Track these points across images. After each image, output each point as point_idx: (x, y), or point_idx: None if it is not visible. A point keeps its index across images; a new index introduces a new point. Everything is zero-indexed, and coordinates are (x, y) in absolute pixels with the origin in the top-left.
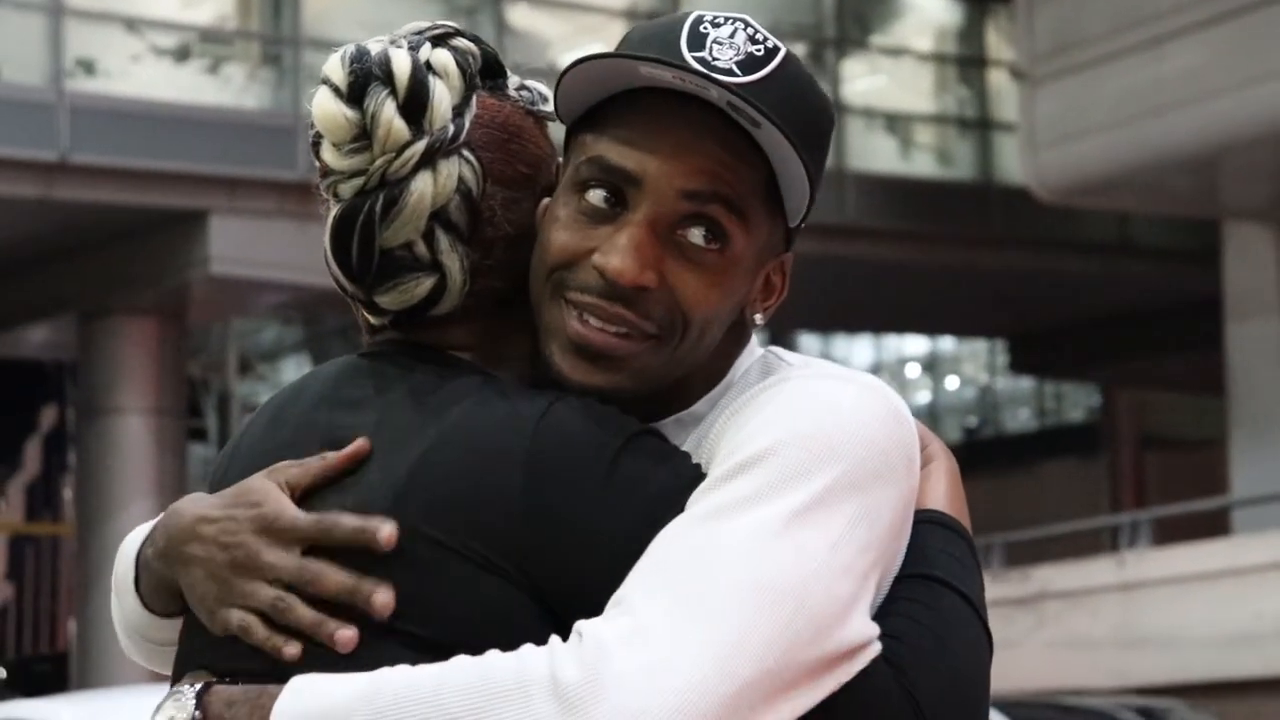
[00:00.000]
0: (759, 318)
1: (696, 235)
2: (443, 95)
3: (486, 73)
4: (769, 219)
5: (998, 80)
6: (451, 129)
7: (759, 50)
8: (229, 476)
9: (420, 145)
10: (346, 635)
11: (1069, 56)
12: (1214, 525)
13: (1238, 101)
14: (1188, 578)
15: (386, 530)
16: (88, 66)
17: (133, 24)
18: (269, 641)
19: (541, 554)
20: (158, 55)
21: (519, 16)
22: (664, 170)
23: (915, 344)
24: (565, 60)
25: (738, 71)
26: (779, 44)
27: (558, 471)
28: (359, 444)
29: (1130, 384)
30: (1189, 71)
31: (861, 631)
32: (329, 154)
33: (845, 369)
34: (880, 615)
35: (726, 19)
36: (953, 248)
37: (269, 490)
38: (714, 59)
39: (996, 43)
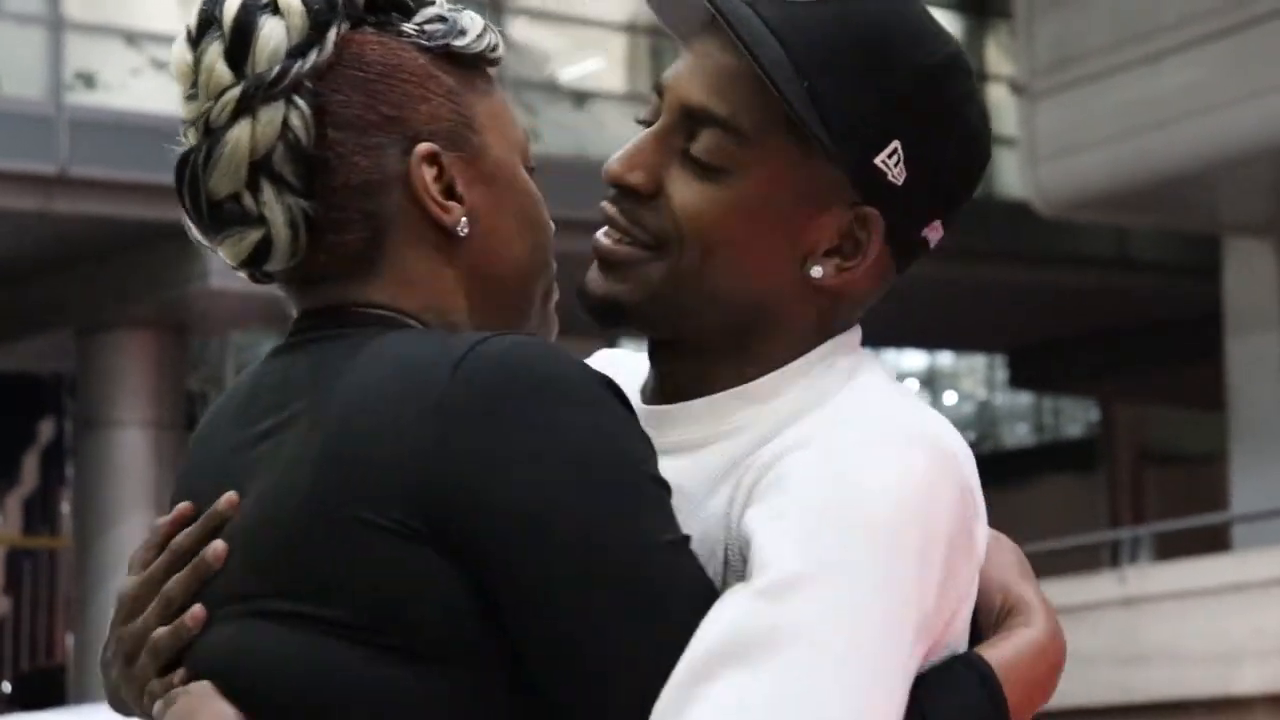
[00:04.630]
0: (817, 270)
1: (698, 150)
2: (270, 35)
3: (373, 7)
4: (799, 150)
5: (997, 94)
6: (276, 70)
7: None
8: (203, 470)
9: (235, 91)
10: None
11: (1069, 71)
12: (1214, 540)
13: (1238, 116)
14: (1188, 593)
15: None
16: (87, 80)
17: (132, 37)
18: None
19: (455, 513)
20: (157, 69)
21: (519, 30)
22: (675, 84)
23: (913, 359)
24: (565, 74)
25: None
26: None
27: (475, 413)
28: (228, 497)
29: (1129, 399)
30: (1189, 86)
31: None
32: (180, 102)
33: (917, 417)
34: None
35: None
36: (951, 262)
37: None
38: None
39: (996, 57)
